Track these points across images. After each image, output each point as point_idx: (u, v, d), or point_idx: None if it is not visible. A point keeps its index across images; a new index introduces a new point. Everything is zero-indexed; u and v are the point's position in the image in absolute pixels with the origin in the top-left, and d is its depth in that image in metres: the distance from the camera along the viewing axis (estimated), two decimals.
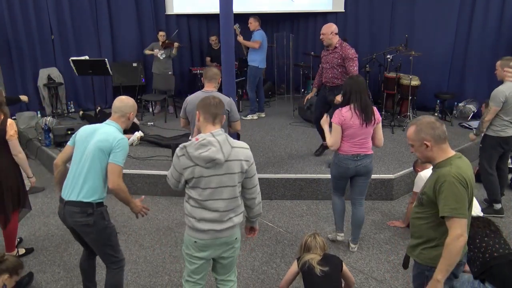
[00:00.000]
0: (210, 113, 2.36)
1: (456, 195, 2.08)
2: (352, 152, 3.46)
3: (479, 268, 2.83)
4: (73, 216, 2.62)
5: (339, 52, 4.87)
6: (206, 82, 3.71)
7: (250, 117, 7.20)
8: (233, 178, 2.34)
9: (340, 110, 3.44)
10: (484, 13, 6.89)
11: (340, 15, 8.27)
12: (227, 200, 2.37)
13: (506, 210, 4.53)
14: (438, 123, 2.20)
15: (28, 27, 7.19)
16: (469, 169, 2.19)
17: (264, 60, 6.95)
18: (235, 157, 2.33)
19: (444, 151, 2.20)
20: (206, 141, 2.28)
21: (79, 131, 2.74)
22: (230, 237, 2.45)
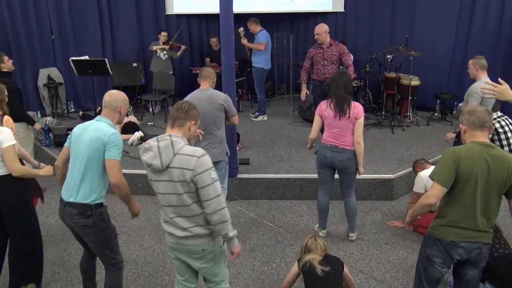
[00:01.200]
0: (171, 116, 2.35)
1: (441, 164, 2.33)
2: (330, 142, 3.65)
3: None
4: (72, 218, 2.62)
5: (336, 48, 5.51)
6: (202, 80, 3.78)
7: (261, 118, 7.19)
8: (175, 186, 2.24)
9: (321, 103, 3.71)
10: (484, 13, 6.89)
11: (340, 15, 8.27)
12: (176, 207, 2.31)
13: (506, 210, 4.53)
14: (479, 112, 2.33)
15: (28, 27, 7.19)
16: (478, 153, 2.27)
17: (269, 61, 6.95)
18: (177, 165, 2.21)
19: (474, 137, 2.34)
20: (148, 146, 2.29)
21: (74, 130, 2.72)
22: (194, 246, 2.35)
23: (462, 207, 2.31)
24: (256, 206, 4.70)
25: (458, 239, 2.34)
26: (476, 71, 4.22)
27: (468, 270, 2.44)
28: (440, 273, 2.47)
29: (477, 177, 2.26)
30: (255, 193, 4.84)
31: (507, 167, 2.26)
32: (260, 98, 7.11)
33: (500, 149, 2.34)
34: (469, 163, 2.26)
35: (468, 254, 2.35)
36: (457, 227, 2.34)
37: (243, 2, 8.11)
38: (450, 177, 2.27)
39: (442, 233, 2.38)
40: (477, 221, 2.31)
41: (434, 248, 2.42)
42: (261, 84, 7.00)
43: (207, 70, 3.80)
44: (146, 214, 4.57)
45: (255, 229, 4.23)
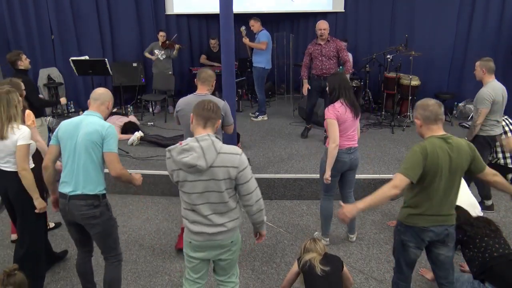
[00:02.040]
0: (202, 116, 2.32)
1: (409, 158, 2.42)
2: (346, 145, 3.56)
3: (479, 268, 2.83)
4: (80, 209, 2.64)
5: (333, 44, 5.77)
6: (199, 84, 3.50)
7: (261, 118, 7.20)
8: (218, 184, 2.28)
9: (333, 106, 3.50)
10: (484, 13, 6.89)
11: (340, 15, 8.27)
12: (215, 204, 2.33)
13: (506, 210, 4.54)
14: (431, 106, 2.43)
15: (28, 27, 7.19)
16: (440, 147, 2.40)
17: (270, 60, 6.95)
18: (220, 164, 2.25)
19: (431, 131, 2.46)
20: (188, 147, 2.25)
21: (60, 128, 2.71)
22: (224, 240, 2.42)
23: (431, 198, 2.47)
24: None
25: (428, 224, 2.51)
26: (483, 74, 4.11)
27: (439, 250, 2.60)
28: (416, 255, 2.63)
29: (442, 170, 2.40)
30: None
31: (465, 154, 2.45)
32: (260, 98, 7.11)
33: (456, 138, 2.48)
34: (434, 158, 2.38)
35: (437, 236, 2.54)
36: (426, 215, 2.50)
37: (243, 2, 8.12)
38: (418, 172, 2.39)
39: (413, 221, 2.54)
40: (443, 208, 2.50)
41: (406, 234, 2.58)
42: (262, 84, 7.00)
43: (207, 73, 3.50)
44: (146, 214, 4.57)
45: None
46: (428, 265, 3.53)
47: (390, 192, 2.40)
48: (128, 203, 4.81)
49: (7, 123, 2.90)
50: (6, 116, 2.90)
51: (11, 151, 2.94)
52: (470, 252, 2.92)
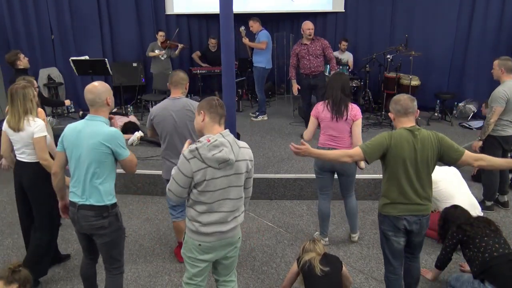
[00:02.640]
0: (217, 113, 2.33)
1: (375, 140, 2.62)
2: (327, 145, 3.58)
3: (479, 268, 2.83)
4: (88, 220, 2.58)
5: (318, 43, 5.96)
6: (172, 87, 3.34)
7: (261, 117, 7.20)
8: (240, 178, 2.35)
9: (317, 104, 3.64)
10: (484, 13, 6.89)
11: (340, 15, 8.27)
12: (234, 200, 2.36)
13: (506, 210, 4.54)
14: (402, 100, 2.62)
15: (28, 27, 7.19)
16: (406, 139, 2.56)
17: (270, 60, 6.96)
18: (242, 157, 2.33)
19: (402, 123, 2.64)
20: (218, 142, 2.23)
21: (65, 134, 2.63)
22: (234, 237, 2.45)
23: (398, 187, 2.62)
24: (256, 206, 4.70)
25: (400, 213, 2.65)
26: (501, 73, 4.09)
27: (413, 237, 2.77)
28: (398, 243, 2.75)
29: (405, 160, 2.56)
30: (255, 193, 4.80)
31: (430, 145, 2.58)
32: (260, 98, 7.11)
33: (424, 131, 2.62)
34: (398, 147, 2.56)
35: (410, 226, 2.67)
36: (397, 203, 2.65)
37: (243, 2, 8.12)
38: (376, 154, 2.60)
39: (387, 210, 2.70)
40: (413, 197, 2.63)
41: (384, 223, 2.75)
42: (262, 84, 7.00)
43: (178, 75, 3.34)
44: (146, 214, 4.58)
45: (255, 229, 4.23)
46: (428, 265, 3.54)
47: (343, 158, 2.66)
48: (128, 203, 4.81)
49: (24, 115, 3.05)
50: (23, 110, 3.05)
51: (27, 142, 3.09)
52: (470, 252, 2.92)
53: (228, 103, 4.48)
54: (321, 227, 3.89)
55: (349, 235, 4.00)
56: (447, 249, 3.12)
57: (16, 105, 3.05)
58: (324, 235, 3.90)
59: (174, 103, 3.31)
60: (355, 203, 3.82)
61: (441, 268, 3.24)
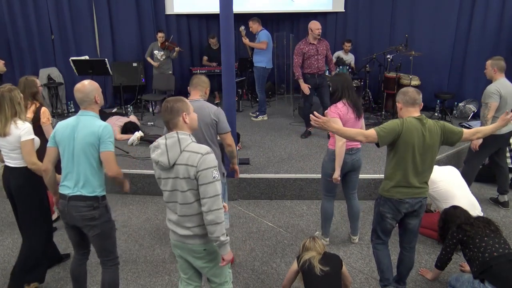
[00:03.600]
0: (165, 121, 2.36)
1: (389, 124, 2.75)
2: (348, 146, 3.53)
3: (479, 268, 2.83)
4: (79, 210, 2.63)
5: (324, 43, 6.03)
6: (192, 89, 3.35)
7: (261, 117, 7.20)
8: (181, 183, 2.26)
9: (336, 106, 3.50)
10: (484, 13, 6.89)
11: (340, 15, 8.27)
12: (180, 205, 2.31)
13: (506, 210, 4.54)
14: (410, 92, 2.82)
15: (28, 27, 7.19)
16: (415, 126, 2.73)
17: (271, 60, 6.96)
18: (182, 162, 2.24)
19: (409, 112, 2.82)
20: (157, 144, 2.32)
21: (57, 130, 2.70)
22: (195, 246, 2.36)
23: (403, 171, 2.78)
24: (256, 206, 4.70)
25: (403, 196, 2.83)
26: (494, 73, 4.16)
27: (410, 220, 2.95)
28: (391, 225, 2.98)
29: (414, 146, 2.72)
30: (255, 193, 4.84)
31: (436, 133, 2.77)
32: (261, 97, 7.11)
33: (430, 121, 2.81)
34: (409, 134, 2.72)
35: (412, 207, 2.86)
36: (402, 186, 2.81)
37: (243, 2, 8.11)
38: (389, 139, 2.72)
39: (390, 194, 2.85)
40: (415, 181, 2.81)
41: (385, 206, 2.91)
42: (262, 83, 7.00)
43: (199, 78, 3.37)
44: (146, 214, 4.58)
45: (255, 229, 4.23)
46: (428, 265, 3.53)
47: (357, 137, 2.74)
48: (128, 203, 4.81)
49: (11, 119, 2.99)
50: (11, 113, 3.00)
51: (14, 147, 3.02)
52: (470, 252, 2.92)
53: (228, 103, 4.49)
54: (323, 227, 3.89)
55: (349, 236, 4.00)
56: (447, 249, 3.12)
57: (4, 110, 2.97)
58: (325, 235, 3.90)
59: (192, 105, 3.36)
60: (358, 206, 3.83)
61: (441, 268, 3.24)
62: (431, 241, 3.89)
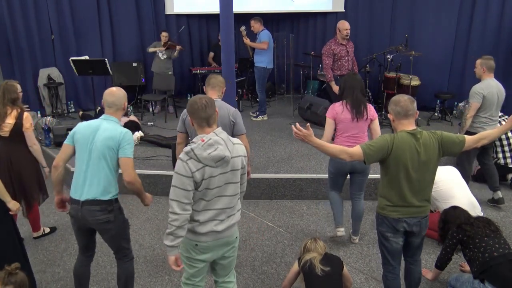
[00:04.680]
0: (201, 118, 2.28)
1: (377, 141, 2.56)
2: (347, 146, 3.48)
3: (479, 268, 2.83)
4: (94, 215, 2.64)
5: (351, 44, 5.96)
6: (209, 89, 3.37)
7: (261, 117, 7.20)
8: (236, 175, 2.36)
9: (334, 105, 3.54)
10: (484, 13, 6.89)
11: (340, 15, 8.26)
12: (230, 197, 2.37)
13: (506, 210, 4.54)
14: (402, 102, 2.55)
15: (28, 27, 7.19)
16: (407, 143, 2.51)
17: (272, 60, 6.95)
18: (236, 154, 2.34)
19: (402, 125, 2.58)
20: (212, 141, 2.24)
21: (78, 129, 2.73)
22: (230, 236, 2.45)
23: (399, 189, 2.58)
24: (256, 206, 4.70)
25: (400, 216, 2.63)
26: (482, 72, 4.23)
27: (411, 238, 2.75)
28: (397, 244, 2.73)
29: (407, 164, 2.52)
30: (255, 193, 4.84)
31: (432, 148, 2.55)
32: (261, 97, 7.11)
33: (425, 133, 2.57)
34: (400, 151, 2.51)
35: (410, 227, 2.66)
36: (398, 206, 2.62)
37: (244, 2, 8.11)
38: (376, 157, 2.55)
39: (387, 212, 2.66)
40: (414, 200, 2.60)
41: (383, 225, 2.71)
42: (263, 83, 7.01)
43: (217, 78, 3.39)
44: (146, 214, 4.58)
45: (255, 229, 4.23)
46: (428, 265, 3.54)
47: (341, 155, 2.57)
48: (128, 203, 4.81)
49: None
50: None
51: None
52: (470, 252, 2.92)
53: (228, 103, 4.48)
54: (335, 216, 3.81)
55: (349, 236, 4.00)
56: (447, 249, 3.12)
57: None
58: (339, 224, 3.79)
59: None
60: (363, 207, 3.81)
61: (441, 268, 3.24)
62: (431, 241, 3.89)
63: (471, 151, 4.31)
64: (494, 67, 4.20)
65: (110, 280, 3.44)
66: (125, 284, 2.93)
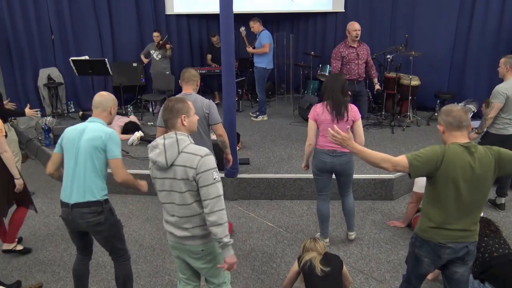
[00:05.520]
0: (164, 119, 2.36)
1: (426, 152, 2.25)
2: (328, 147, 3.52)
3: (479, 268, 2.83)
4: (84, 217, 2.62)
5: (364, 47, 5.66)
6: (184, 84, 3.48)
7: (261, 117, 7.20)
8: (179, 184, 2.25)
9: (315, 106, 3.55)
10: (484, 13, 6.89)
11: (340, 15, 8.26)
12: (178, 206, 2.30)
13: (506, 210, 4.54)
14: (455, 112, 2.26)
15: (28, 27, 7.19)
16: (460, 157, 2.21)
17: (272, 60, 6.96)
18: (180, 163, 2.22)
19: (454, 138, 2.28)
20: (155, 144, 2.31)
21: (65, 135, 2.72)
22: (193, 247, 2.35)
23: (447, 209, 2.28)
24: (256, 206, 4.70)
25: (445, 240, 2.31)
26: (506, 71, 4.12)
27: (456, 268, 2.41)
28: (428, 270, 2.48)
29: (458, 181, 2.22)
30: (255, 193, 4.84)
31: (488, 165, 2.24)
32: (261, 98, 7.11)
33: (480, 147, 2.27)
34: (451, 166, 2.21)
35: (455, 254, 2.34)
36: (444, 228, 2.31)
37: (244, 2, 8.11)
38: (422, 170, 2.26)
39: (429, 235, 2.35)
40: (463, 222, 2.29)
41: (422, 249, 2.40)
42: (263, 84, 7.01)
43: (190, 72, 3.49)
44: (146, 214, 4.58)
45: (255, 229, 4.23)
46: None
47: (384, 164, 2.30)
48: (128, 203, 4.81)
49: None
50: None
51: None
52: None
53: (228, 103, 4.49)
54: (321, 228, 3.88)
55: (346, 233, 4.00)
56: None
57: None
58: (324, 236, 3.88)
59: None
60: (352, 202, 3.82)
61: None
62: None
63: None
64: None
65: (110, 280, 3.43)
66: (124, 284, 2.92)
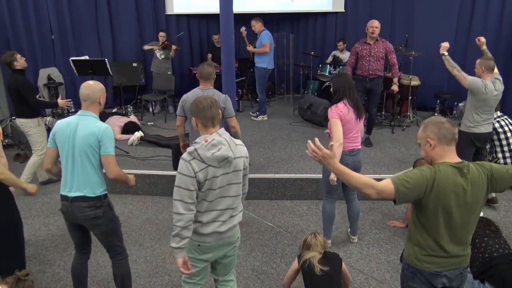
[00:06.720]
0: (206, 118, 2.30)
1: (414, 177, 1.99)
2: (349, 147, 3.52)
3: (479, 268, 2.83)
4: (83, 211, 2.66)
5: (382, 45, 5.60)
6: (202, 80, 3.72)
7: (261, 117, 7.20)
8: (239, 175, 2.37)
9: (337, 106, 3.45)
10: (484, 13, 6.90)
11: (340, 15, 8.27)
12: (233, 197, 2.38)
13: (506, 210, 4.54)
14: (446, 124, 2.03)
15: (28, 27, 7.19)
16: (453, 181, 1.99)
17: (272, 60, 6.96)
18: (239, 155, 2.36)
19: (445, 154, 2.04)
20: (216, 141, 2.25)
21: (56, 130, 2.69)
22: (232, 236, 2.46)
23: (435, 236, 2.07)
24: (256, 206, 4.70)
25: (440, 268, 2.11)
26: (481, 72, 4.16)
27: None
28: None
29: (451, 207, 2.01)
30: (255, 193, 4.84)
31: (482, 186, 2.05)
32: (261, 98, 7.11)
33: (473, 168, 2.05)
34: (442, 191, 1.99)
35: (450, 282, 2.15)
36: (437, 256, 2.10)
37: (244, 2, 8.11)
38: (411, 196, 2.01)
39: (422, 264, 2.13)
40: (456, 248, 2.11)
41: (415, 280, 2.17)
42: (263, 84, 7.01)
43: (207, 70, 3.69)
44: (146, 214, 4.57)
45: (255, 229, 4.23)
46: None
47: (368, 190, 2.04)
48: (128, 203, 4.81)
49: None
50: None
51: None
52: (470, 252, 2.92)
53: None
54: (325, 229, 3.85)
55: (348, 236, 4.00)
56: None
57: None
58: (327, 237, 3.86)
59: (204, 92, 3.62)
60: (359, 207, 3.81)
61: None
62: None
63: (467, 152, 4.27)
64: (493, 67, 4.16)
65: (110, 280, 3.43)
66: (122, 283, 2.93)
